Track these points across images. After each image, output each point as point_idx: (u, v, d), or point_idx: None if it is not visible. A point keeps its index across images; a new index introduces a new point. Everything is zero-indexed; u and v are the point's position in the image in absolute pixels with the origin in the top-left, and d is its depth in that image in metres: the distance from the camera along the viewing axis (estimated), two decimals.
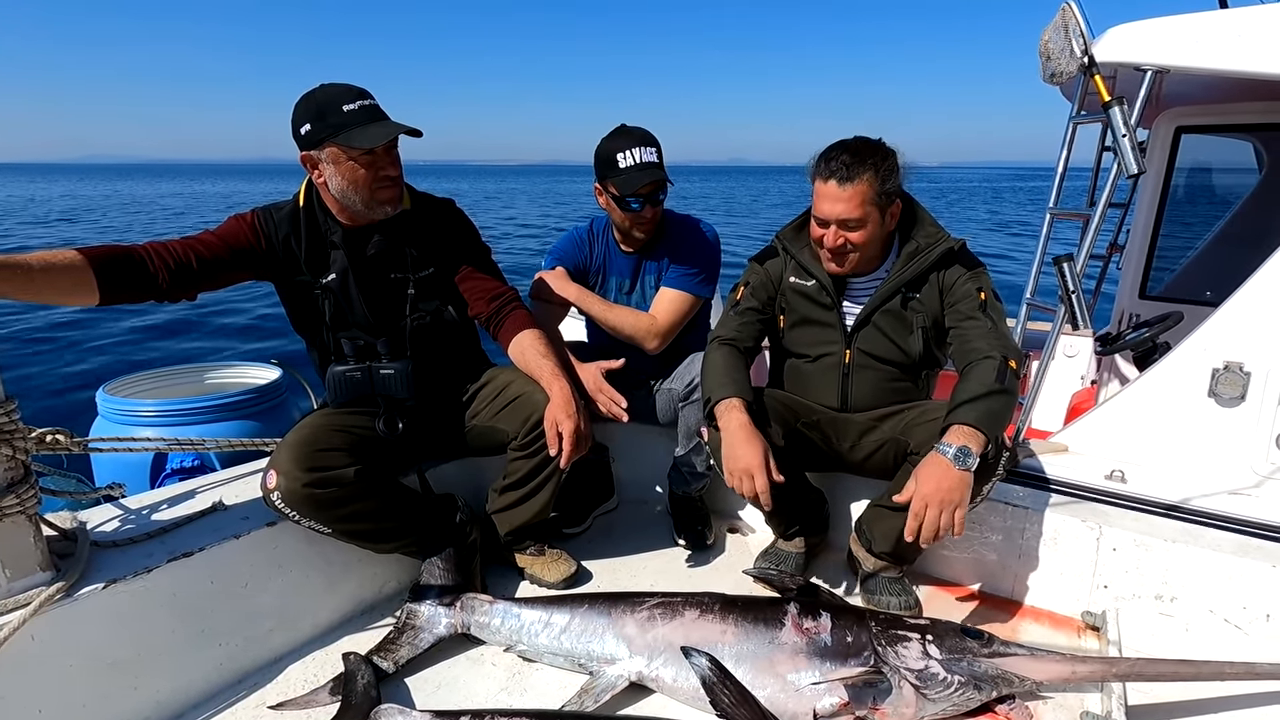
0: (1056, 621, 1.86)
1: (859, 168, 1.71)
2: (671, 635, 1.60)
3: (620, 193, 2.12)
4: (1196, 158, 3.53)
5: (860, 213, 1.74)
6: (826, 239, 1.79)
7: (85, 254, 1.49)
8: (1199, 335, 1.98)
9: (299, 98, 1.70)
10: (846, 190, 1.72)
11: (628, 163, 2.11)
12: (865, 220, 1.75)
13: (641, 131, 2.17)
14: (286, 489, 1.60)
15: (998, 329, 1.74)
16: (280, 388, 3.11)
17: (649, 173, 2.11)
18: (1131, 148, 1.98)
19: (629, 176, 2.11)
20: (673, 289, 2.23)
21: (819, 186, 1.76)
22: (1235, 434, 1.94)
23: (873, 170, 1.71)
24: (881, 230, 1.80)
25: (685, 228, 2.31)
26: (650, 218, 2.19)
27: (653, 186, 2.13)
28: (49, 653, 1.35)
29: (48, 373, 7.15)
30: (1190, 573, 1.70)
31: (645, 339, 2.21)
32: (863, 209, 1.73)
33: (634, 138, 2.14)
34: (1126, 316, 3.69)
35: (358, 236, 1.81)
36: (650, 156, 2.13)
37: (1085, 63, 2.07)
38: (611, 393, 2.10)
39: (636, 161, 2.10)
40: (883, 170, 1.73)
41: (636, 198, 2.12)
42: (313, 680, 1.63)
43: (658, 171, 2.12)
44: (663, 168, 2.15)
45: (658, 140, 2.18)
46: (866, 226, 1.76)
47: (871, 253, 1.83)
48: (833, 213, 1.75)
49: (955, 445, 1.53)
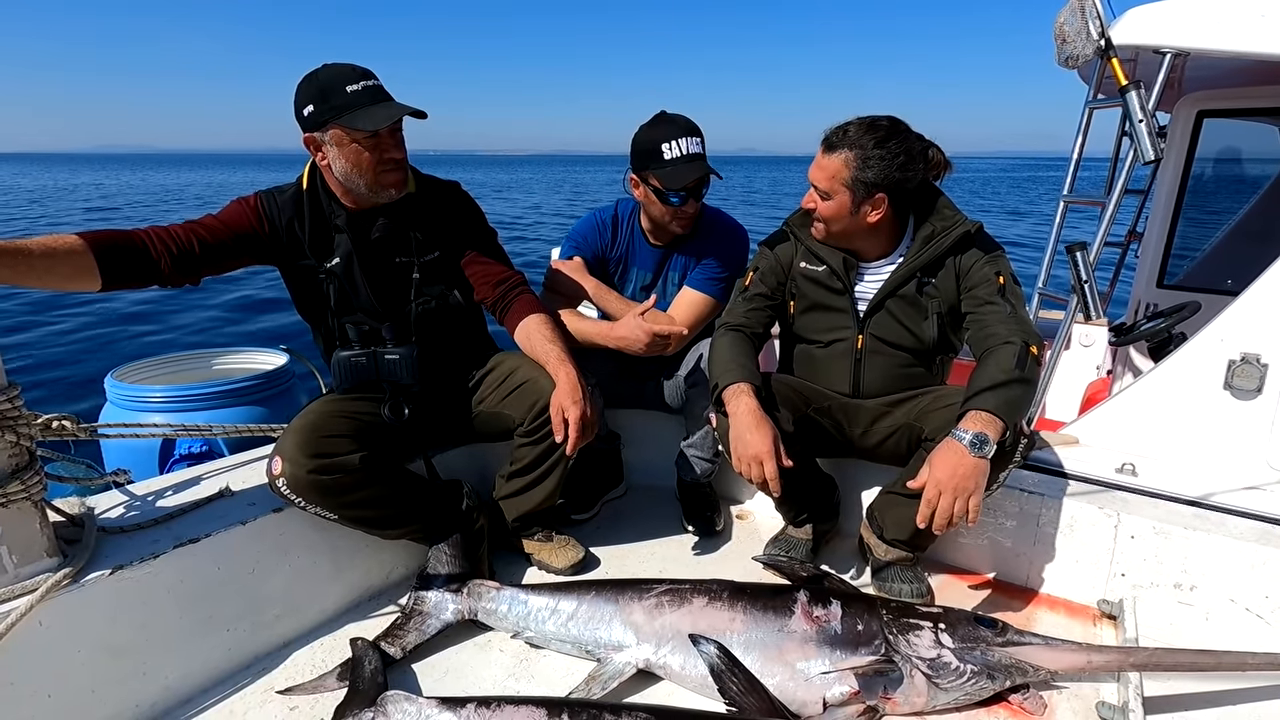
0: (1072, 610, 1.83)
1: (844, 144, 1.70)
2: (679, 622, 1.59)
3: (666, 186, 2.02)
4: (1219, 143, 3.44)
5: (826, 185, 1.73)
6: (805, 198, 1.82)
7: (86, 239, 1.48)
8: (1215, 326, 1.93)
9: (301, 78, 1.67)
10: (824, 159, 1.73)
11: (674, 154, 2.01)
12: (830, 195, 1.74)
13: (686, 120, 2.07)
14: (291, 475, 1.59)
15: (1017, 314, 1.69)
16: (288, 373, 3.11)
17: (697, 166, 2.02)
18: (1148, 133, 1.93)
19: (676, 170, 2.01)
20: (696, 291, 2.16)
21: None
22: (1251, 428, 1.89)
23: (856, 152, 1.68)
24: (852, 217, 1.75)
25: (719, 225, 2.22)
26: (692, 213, 2.11)
27: (698, 180, 2.04)
28: (57, 638, 1.35)
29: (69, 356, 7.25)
30: (1211, 561, 1.66)
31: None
32: (830, 183, 1.72)
33: (679, 127, 2.04)
34: (1143, 306, 3.62)
35: (362, 220, 1.78)
36: (697, 148, 2.03)
37: (1102, 46, 2.01)
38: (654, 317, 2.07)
39: (684, 153, 2.01)
40: (867, 156, 1.68)
41: (681, 192, 2.03)
42: (320, 666, 1.63)
43: (705, 165, 2.04)
44: (706, 159, 2.06)
45: (702, 130, 2.08)
46: (830, 201, 1.75)
47: (840, 232, 1.81)
48: (810, 174, 1.77)
49: (972, 431, 1.49)
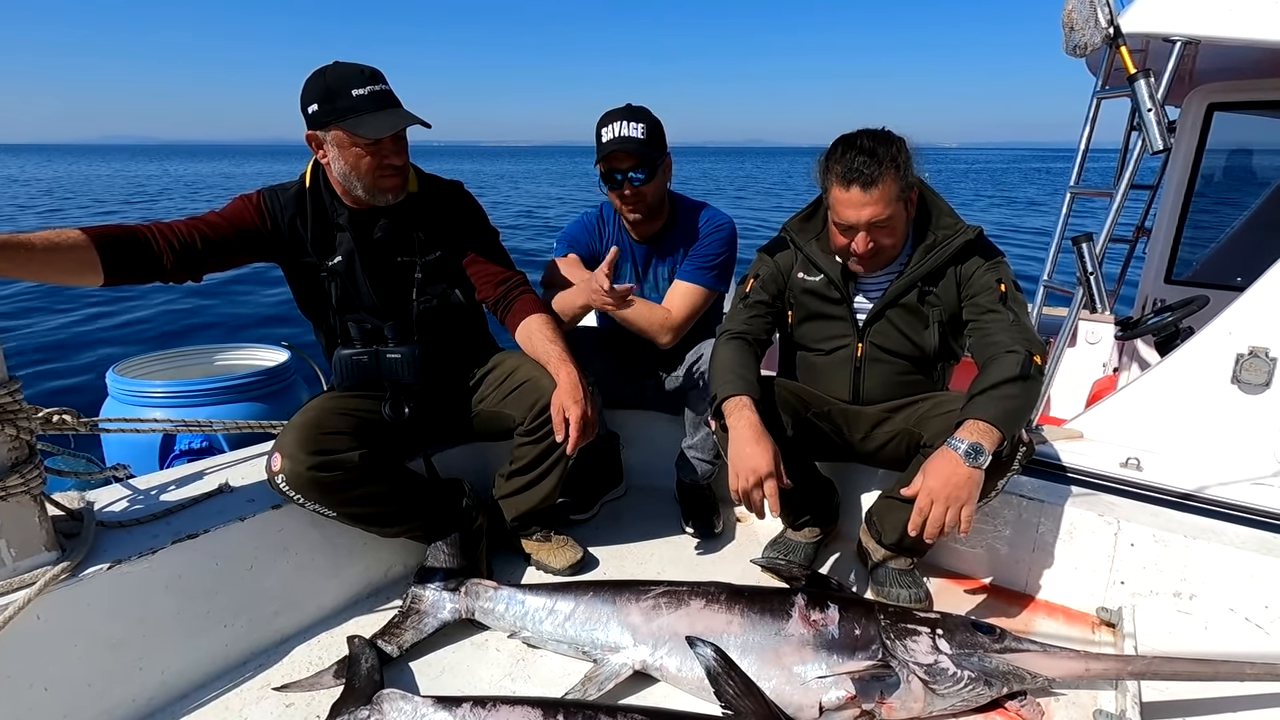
0: (1071, 617, 1.83)
1: (879, 168, 1.62)
2: (676, 624, 1.59)
3: (598, 165, 2.06)
4: (1229, 137, 3.42)
5: (889, 211, 1.66)
6: (856, 245, 1.70)
7: (89, 234, 1.48)
8: (1224, 319, 1.92)
9: (311, 73, 1.66)
10: (872, 194, 1.63)
11: (608, 136, 2.04)
12: (895, 219, 1.69)
13: (634, 108, 2.09)
14: (291, 472, 1.59)
15: (1020, 322, 1.68)
16: (289, 370, 3.12)
17: (624, 144, 2.02)
18: (1157, 123, 1.91)
19: (604, 148, 2.04)
20: (687, 282, 2.16)
21: (839, 194, 1.67)
22: (1259, 422, 1.89)
23: (893, 167, 1.63)
24: (906, 223, 1.75)
25: (699, 218, 2.23)
26: (633, 198, 2.10)
27: (631, 162, 2.04)
28: (54, 632, 1.35)
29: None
30: (1211, 569, 1.66)
31: (658, 334, 2.15)
32: (890, 208, 1.65)
33: (622, 112, 2.07)
34: (1151, 302, 3.60)
35: (364, 219, 1.78)
36: (634, 131, 2.04)
37: (1111, 34, 2.00)
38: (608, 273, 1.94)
39: (615, 134, 2.03)
40: (900, 163, 1.65)
41: (614, 173, 2.05)
42: (318, 662, 1.64)
43: (637, 146, 2.03)
44: (654, 146, 2.06)
45: (653, 119, 2.08)
46: (897, 224, 1.70)
47: (896, 251, 1.77)
48: (860, 218, 1.66)
49: (967, 441, 1.48)
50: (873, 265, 1.77)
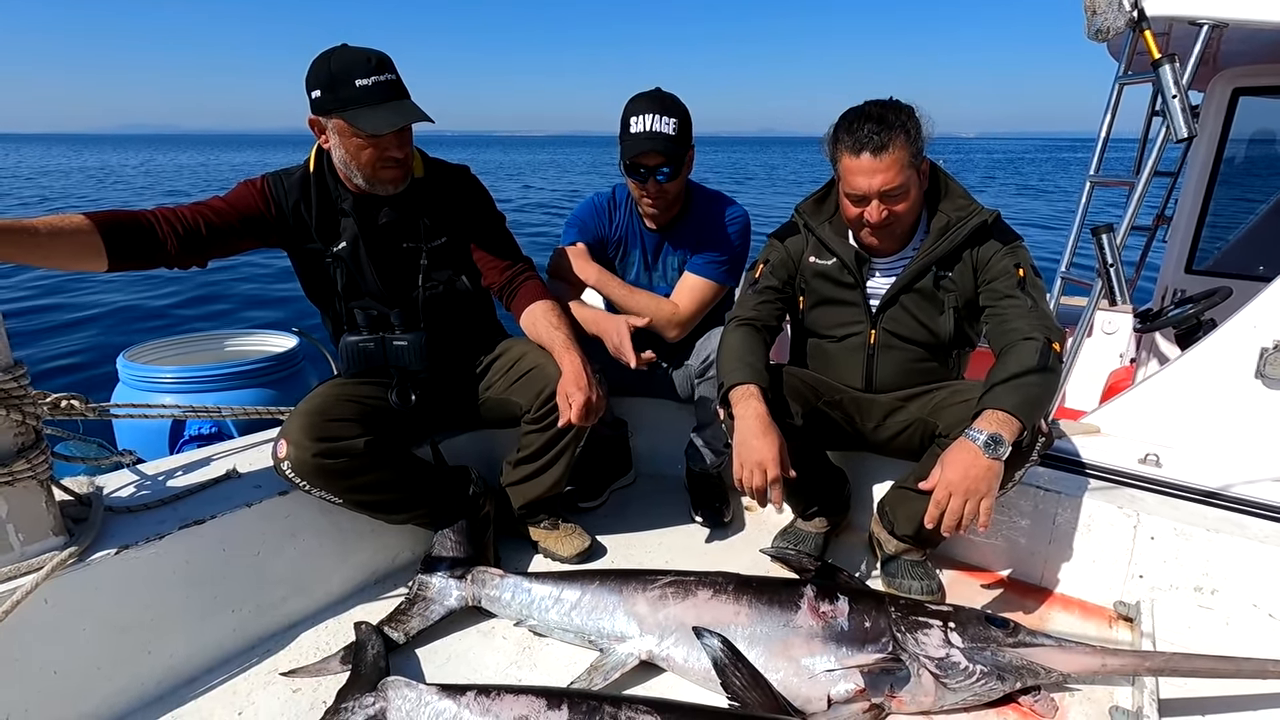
0: (1087, 611, 1.79)
1: (889, 133, 1.59)
2: (684, 615, 1.57)
3: (623, 157, 1.99)
4: (1255, 123, 3.32)
5: (901, 178, 1.62)
6: (870, 215, 1.66)
7: (93, 219, 1.47)
8: (1248, 312, 1.86)
9: (317, 55, 1.62)
10: (884, 160, 1.60)
11: (637, 128, 1.97)
12: (908, 186, 1.64)
13: (667, 99, 2.00)
14: (296, 458, 1.59)
15: (1038, 308, 1.64)
16: (298, 356, 3.13)
17: (655, 142, 1.95)
18: (1182, 109, 1.85)
19: (632, 142, 1.97)
20: (697, 276, 2.12)
21: (849, 162, 1.64)
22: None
23: (903, 132, 1.60)
24: (920, 193, 1.70)
25: (714, 209, 2.17)
26: (655, 194, 2.03)
27: (658, 160, 1.97)
28: (62, 616, 1.36)
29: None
30: (1234, 564, 1.61)
31: (665, 328, 2.11)
32: (903, 175, 1.62)
33: (652, 102, 1.98)
34: (1171, 292, 3.52)
35: (368, 205, 1.76)
36: (665, 127, 1.95)
37: (1135, 17, 1.93)
38: (631, 347, 1.96)
39: (645, 129, 1.96)
40: (911, 129, 1.62)
41: (639, 167, 1.99)
42: (325, 648, 1.64)
43: (667, 144, 1.95)
44: (681, 143, 1.98)
45: (684, 111, 1.99)
46: (910, 192, 1.66)
47: (911, 219, 1.72)
48: (871, 186, 1.63)
49: (986, 432, 1.44)
50: (887, 237, 1.73)
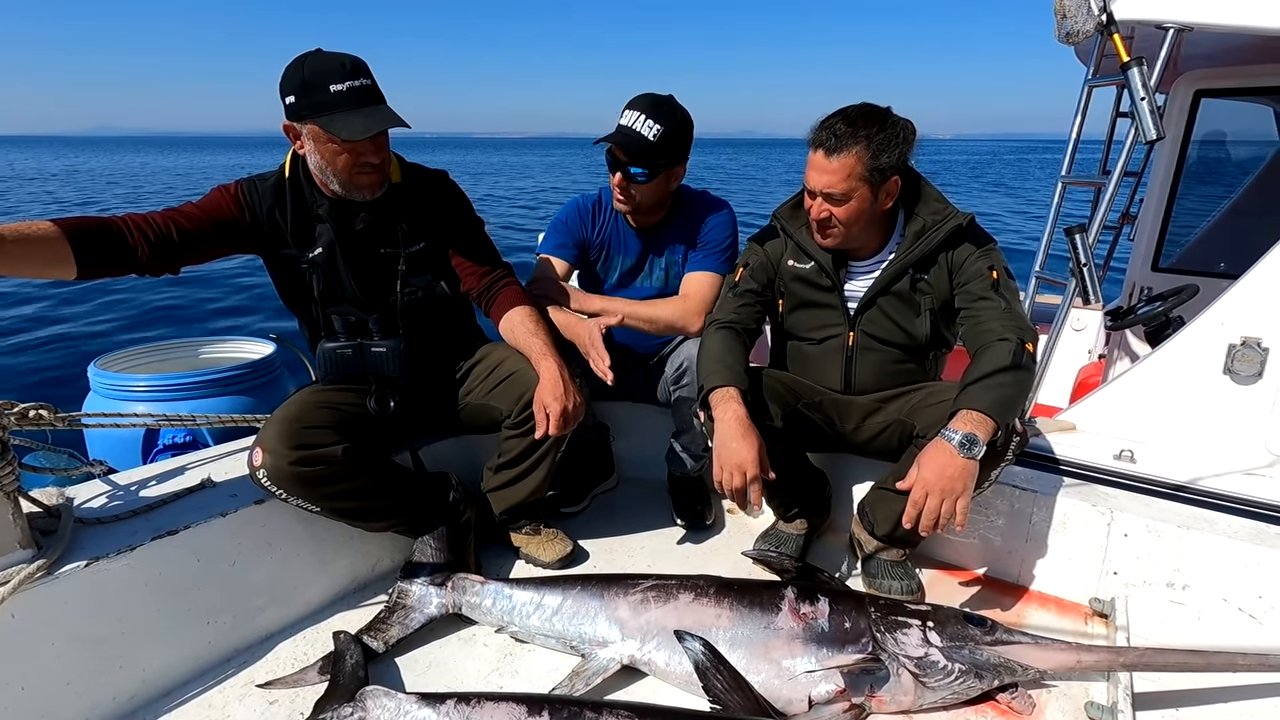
0: (1063, 607, 1.82)
1: (849, 140, 1.61)
2: (665, 618, 1.57)
3: (609, 152, 2.00)
4: (1214, 124, 3.41)
5: (844, 187, 1.64)
6: (813, 210, 1.71)
7: (61, 225, 1.44)
8: (1216, 309, 1.91)
9: (291, 60, 1.60)
10: (833, 162, 1.63)
11: (624, 121, 1.98)
12: (850, 195, 1.65)
13: (662, 105, 1.97)
14: (272, 466, 1.57)
15: (1012, 309, 1.66)
16: (274, 363, 3.08)
17: (628, 139, 1.95)
18: (1151, 111, 1.89)
19: (615, 131, 1.98)
20: (702, 271, 2.11)
21: (810, 155, 1.68)
22: (1251, 412, 1.88)
23: (864, 143, 1.61)
24: (872, 208, 1.70)
25: (700, 205, 2.18)
26: (623, 188, 2.02)
27: (630, 159, 1.96)
28: (30, 630, 1.33)
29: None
30: (1204, 560, 1.65)
31: (688, 322, 2.08)
32: (847, 183, 1.63)
33: (646, 105, 1.97)
34: (1137, 289, 3.59)
35: (344, 210, 1.74)
36: (645, 129, 1.94)
37: (1103, 21, 1.97)
38: (603, 352, 1.94)
39: (628, 124, 1.97)
40: (875, 143, 1.62)
41: (611, 154, 1.99)
42: (303, 659, 1.62)
43: (641, 145, 1.94)
44: (662, 152, 1.96)
45: (676, 122, 1.96)
46: (851, 202, 1.66)
47: (859, 230, 1.74)
48: (817, 184, 1.67)
49: (961, 432, 1.46)
50: (826, 236, 1.75)
